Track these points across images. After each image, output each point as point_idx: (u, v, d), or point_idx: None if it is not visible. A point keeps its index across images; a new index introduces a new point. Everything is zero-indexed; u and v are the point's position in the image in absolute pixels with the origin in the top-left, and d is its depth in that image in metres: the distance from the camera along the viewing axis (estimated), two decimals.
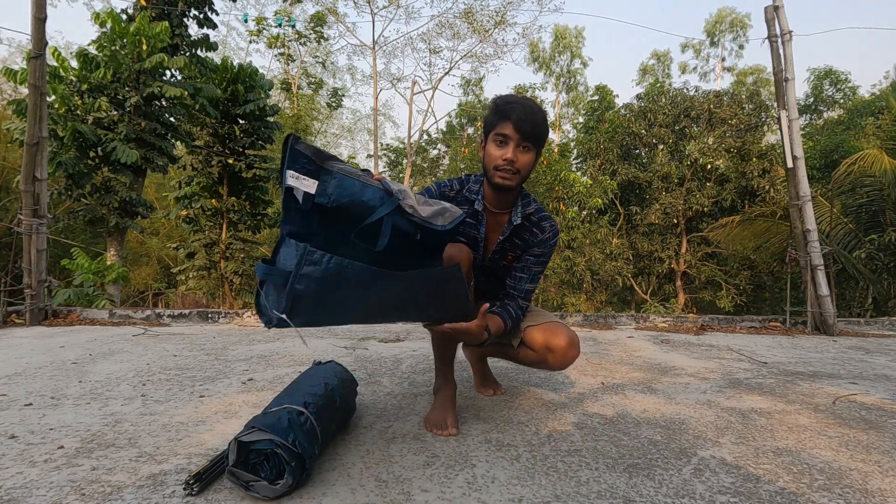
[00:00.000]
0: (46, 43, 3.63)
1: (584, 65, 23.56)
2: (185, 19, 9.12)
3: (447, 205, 1.28)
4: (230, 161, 9.17)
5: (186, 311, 3.98)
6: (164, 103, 8.09)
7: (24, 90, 9.12)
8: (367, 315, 1.28)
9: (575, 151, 18.67)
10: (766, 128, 13.21)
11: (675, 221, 13.00)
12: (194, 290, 9.47)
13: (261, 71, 9.56)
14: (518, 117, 1.38)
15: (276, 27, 18.14)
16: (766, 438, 1.46)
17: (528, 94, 15.64)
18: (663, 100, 13.81)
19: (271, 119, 9.63)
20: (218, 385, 1.94)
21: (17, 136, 6.63)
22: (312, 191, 1.13)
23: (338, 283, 1.09)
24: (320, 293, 1.09)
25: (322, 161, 1.14)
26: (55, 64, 7.25)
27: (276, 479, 1.04)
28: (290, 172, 1.12)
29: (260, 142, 9.45)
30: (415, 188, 17.77)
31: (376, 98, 18.13)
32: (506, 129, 1.40)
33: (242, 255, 9.49)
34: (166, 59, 7.37)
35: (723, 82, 25.67)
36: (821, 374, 2.35)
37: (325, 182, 1.14)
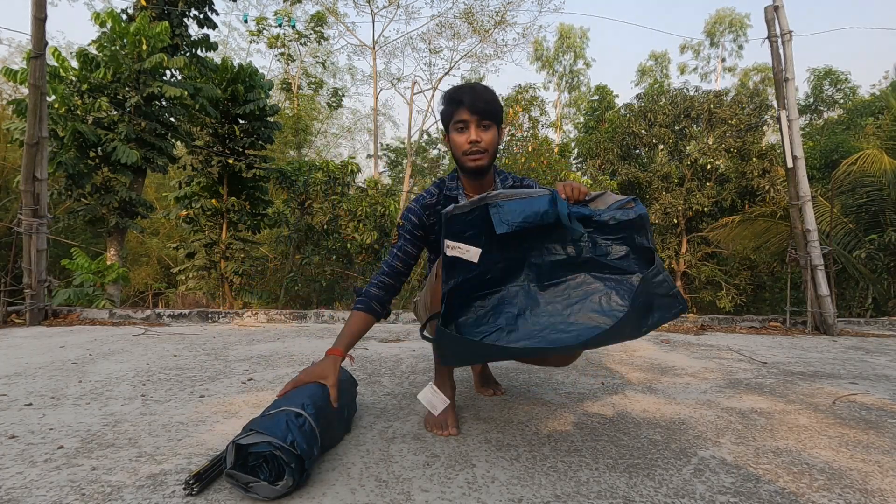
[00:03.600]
0: (46, 43, 3.63)
1: (588, 65, 23.60)
2: (185, 19, 9.10)
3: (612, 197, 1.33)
4: (230, 161, 9.16)
5: (186, 311, 3.98)
6: (164, 103, 8.08)
7: (24, 90, 9.11)
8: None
9: (575, 151, 18.67)
10: (766, 128, 13.19)
11: (675, 221, 12.98)
12: (194, 290, 9.46)
13: (261, 71, 9.56)
14: (470, 99, 1.46)
15: (276, 27, 18.17)
16: (766, 438, 1.46)
17: (529, 94, 15.59)
18: (663, 100, 13.78)
19: (271, 119, 9.63)
20: (218, 385, 1.94)
21: (17, 136, 6.62)
22: (475, 260, 1.29)
23: (469, 345, 1.28)
24: (461, 352, 1.33)
25: (484, 201, 1.27)
26: (55, 64, 7.24)
27: (276, 480, 1.04)
28: (447, 242, 1.28)
29: (260, 142, 9.44)
30: (415, 187, 17.76)
31: (376, 98, 18.15)
32: (462, 115, 1.47)
33: (242, 255, 9.48)
34: (166, 59, 7.36)
35: (724, 82, 25.69)
36: (821, 374, 2.35)
37: (496, 214, 1.26)
